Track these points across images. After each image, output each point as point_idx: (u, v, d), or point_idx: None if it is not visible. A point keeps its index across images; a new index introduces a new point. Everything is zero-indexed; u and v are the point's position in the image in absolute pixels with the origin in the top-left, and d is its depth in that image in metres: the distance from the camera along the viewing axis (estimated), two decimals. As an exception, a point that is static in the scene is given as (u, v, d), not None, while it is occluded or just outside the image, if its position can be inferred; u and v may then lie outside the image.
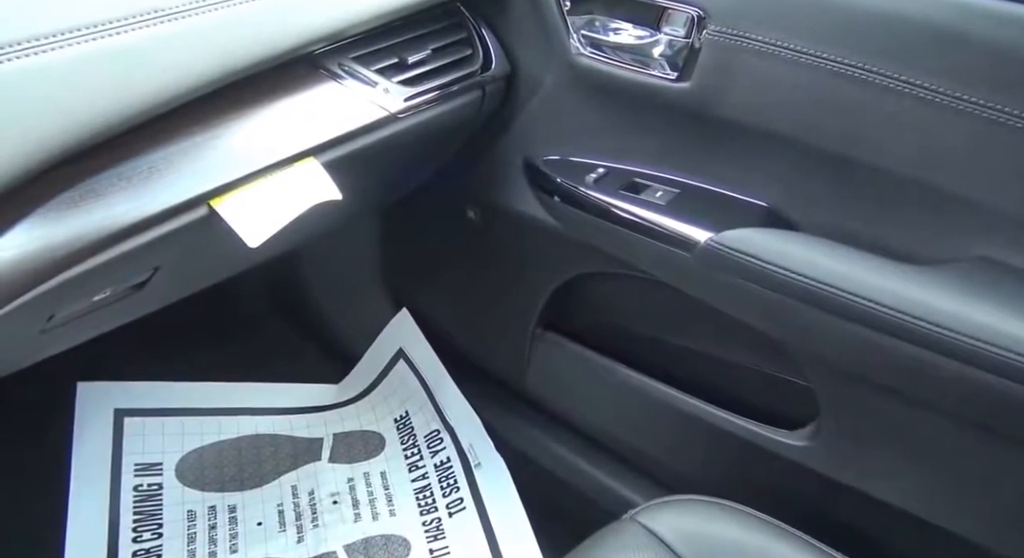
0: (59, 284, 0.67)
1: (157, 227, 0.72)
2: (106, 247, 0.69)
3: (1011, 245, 0.78)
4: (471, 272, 1.29)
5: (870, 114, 0.81)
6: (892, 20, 0.78)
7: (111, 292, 0.80)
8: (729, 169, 0.94)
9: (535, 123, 1.06)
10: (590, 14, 0.97)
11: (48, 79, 0.62)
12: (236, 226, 0.76)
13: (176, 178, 0.73)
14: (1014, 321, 0.73)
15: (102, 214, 0.68)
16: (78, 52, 0.64)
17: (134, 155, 0.70)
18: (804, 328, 0.86)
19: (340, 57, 0.87)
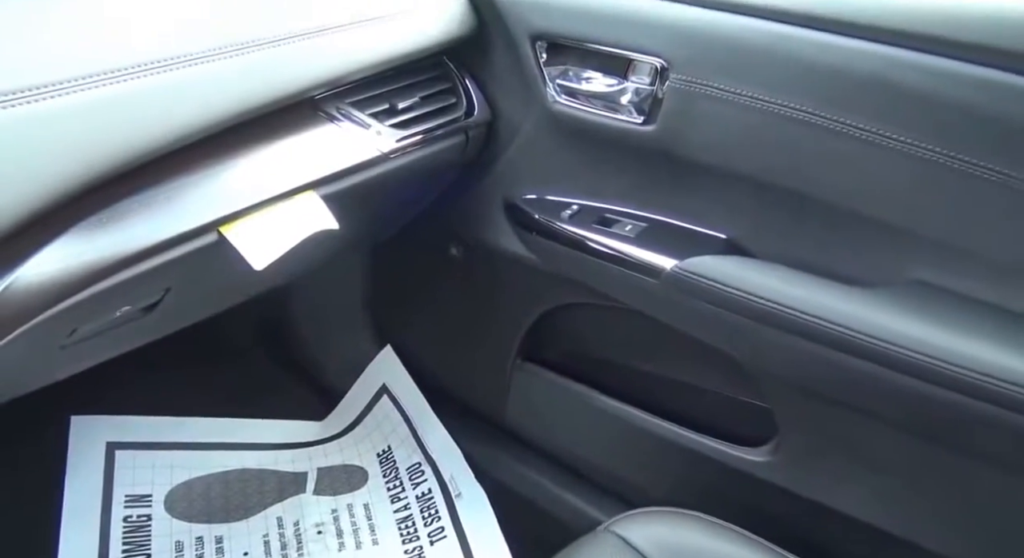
0: (84, 299, 0.73)
1: (172, 250, 0.79)
2: (126, 266, 0.75)
3: (942, 269, 0.86)
4: (454, 307, 1.36)
5: (816, 153, 0.90)
6: (833, 71, 0.87)
7: (126, 311, 0.86)
8: (692, 204, 1.02)
9: (515, 165, 1.15)
10: (564, 65, 1.06)
11: (80, 117, 0.70)
12: (243, 250, 0.83)
13: (190, 206, 0.80)
14: (947, 336, 0.82)
15: (124, 236, 0.75)
16: (106, 93, 0.71)
17: (153, 184, 0.77)
18: (761, 347, 0.93)
19: (338, 102, 0.96)
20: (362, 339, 1.50)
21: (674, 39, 0.96)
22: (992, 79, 0.78)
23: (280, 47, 0.87)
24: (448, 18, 1.07)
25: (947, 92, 0.81)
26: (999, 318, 0.83)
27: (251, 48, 0.84)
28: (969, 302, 0.85)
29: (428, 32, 1.04)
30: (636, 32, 0.98)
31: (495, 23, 1.08)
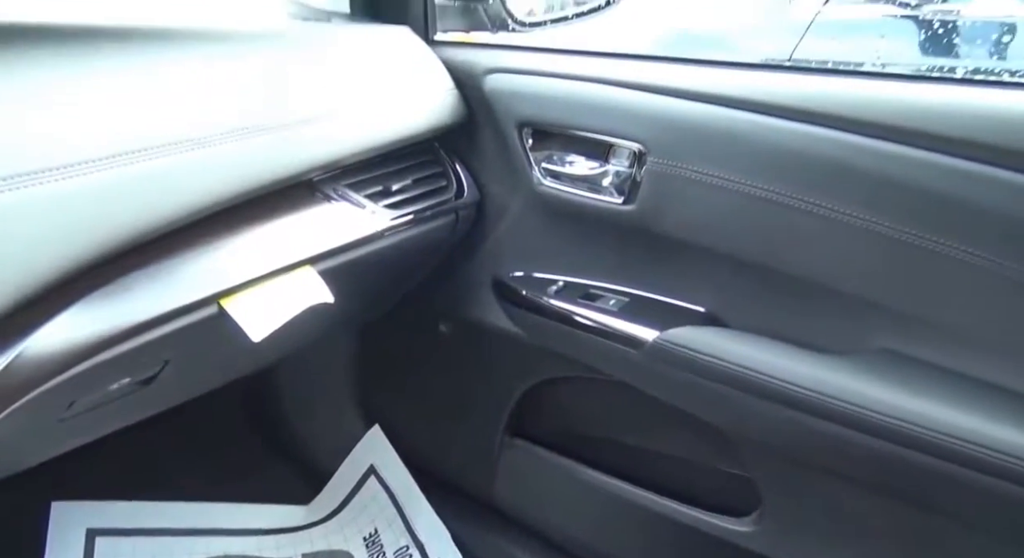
0: (86, 370, 0.76)
1: (173, 322, 0.82)
2: (128, 338, 0.78)
3: (906, 338, 0.90)
4: (442, 384, 1.38)
5: (785, 231, 0.95)
6: (797, 155, 0.93)
7: (125, 384, 0.87)
8: (671, 279, 1.07)
9: (502, 243, 1.20)
10: (549, 150, 1.12)
11: (86, 198, 0.73)
12: (242, 322, 0.86)
13: (192, 279, 0.83)
14: (914, 400, 0.85)
15: (128, 308, 0.78)
16: (111, 176, 0.75)
17: (159, 258, 0.81)
18: (741, 414, 0.96)
19: (335, 183, 1.01)
20: (350, 419, 1.51)
21: (651, 126, 1.02)
22: (941, 163, 0.84)
23: (281, 132, 0.92)
24: (439, 107, 1.13)
25: (901, 175, 0.87)
26: (961, 384, 0.87)
27: (254, 132, 0.89)
28: (933, 368, 0.89)
29: (420, 120, 1.11)
30: (616, 119, 1.05)
31: (484, 111, 1.15)
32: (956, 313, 0.87)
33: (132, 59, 0.84)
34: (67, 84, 0.77)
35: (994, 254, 0.83)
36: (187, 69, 0.88)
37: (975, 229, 0.84)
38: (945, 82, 0.93)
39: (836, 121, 0.90)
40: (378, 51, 1.14)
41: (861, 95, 0.91)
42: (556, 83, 1.10)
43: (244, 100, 0.91)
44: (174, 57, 0.88)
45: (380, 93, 1.08)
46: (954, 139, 0.83)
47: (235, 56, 0.95)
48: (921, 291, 0.88)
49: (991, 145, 0.82)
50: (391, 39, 1.17)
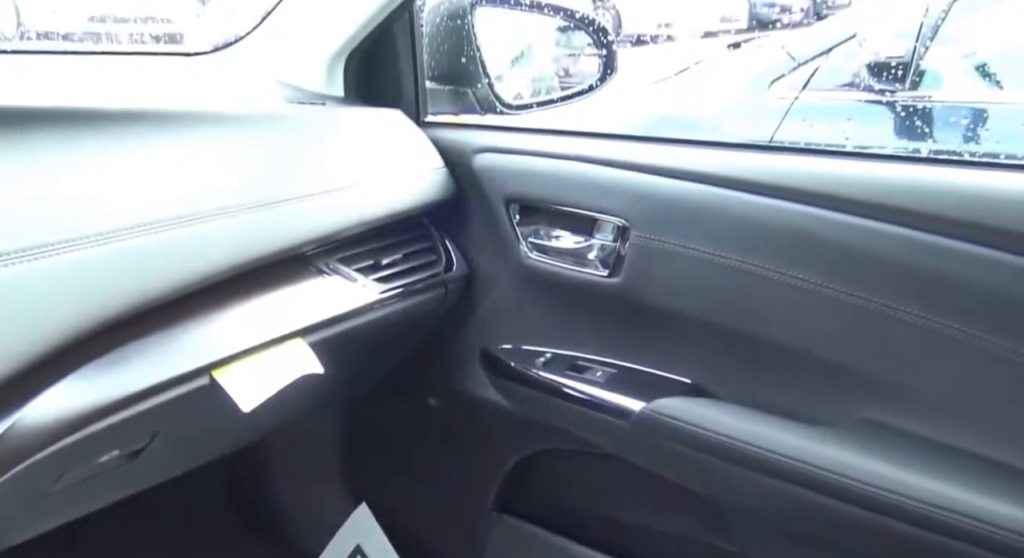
0: (78, 440, 0.76)
1: (166, 392, 0.83)
2: (121, 409, 0.79)
3: (886, 408, 0.92)
4: (430, 459, 1.38)
5: (766, 302, 0.98)
6: (775, 229, 0.97)
7: (113, 456, 0.88)
8: (657, 351, 1.09)
9: (491, 316, 1.22)
10: (536, 225, 1.16)
11: (84, 273, 0.75)
12: (232, 393, 0.87)
13: (185, 350, 0.85)
14: (897, 470, 0.87)
15: (122, 379, 0.79)
16: (114, 249, 0.78)
17: (153, 330, 0.83)
18: (728, 485, 0.97)
19: (327, 257, 1.04)
20: (336, 497, 1.50)
21: (633, 201, 1.06)
22: (911, 237, 0.88)
23: (275, 208, 0.95)
24: (429, 184, 1.17)
25: (874, 249, 0.90)
26: (942, 454, 0.88)
27: (249, 209, 0.92)
28: (914, 438, 0.90)
29: (411, 196, 1.15)
30: (599, 196, 1.09)
31: (472, 188, 1.19)
32: (932, 383, 0.89)
33: (129, 139, 0.87)
34: (65, 163, 0.80)
35: (964, 324, 0.86)
36: (184, 149, 0.91)
37: (946, 300, 0.87)
38: (913, 161, 0.98)
39: (812, 197, 0.94)
40: (371, 132, 1.18)
41: (835, 173, 0.95)
42: (542, 162, 1.14)
43: (240, 178, 0.94)
44: (171, 138, 0.91)
45: (372, 171, 1.12)
46: (923, 214, 0.87)
47: (231, 136, 0.98)
48: (897, 361, 0.91)
49: (957, 220, 0.86)
50: (383, 121, 1.21)
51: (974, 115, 1.66)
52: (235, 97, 1.14)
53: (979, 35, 1.76)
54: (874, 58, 1.65)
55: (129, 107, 0.93)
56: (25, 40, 3.36)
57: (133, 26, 3.70)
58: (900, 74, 1.62)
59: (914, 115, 1.63)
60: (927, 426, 0.89)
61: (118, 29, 3.66)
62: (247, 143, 1.00)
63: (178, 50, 1.41)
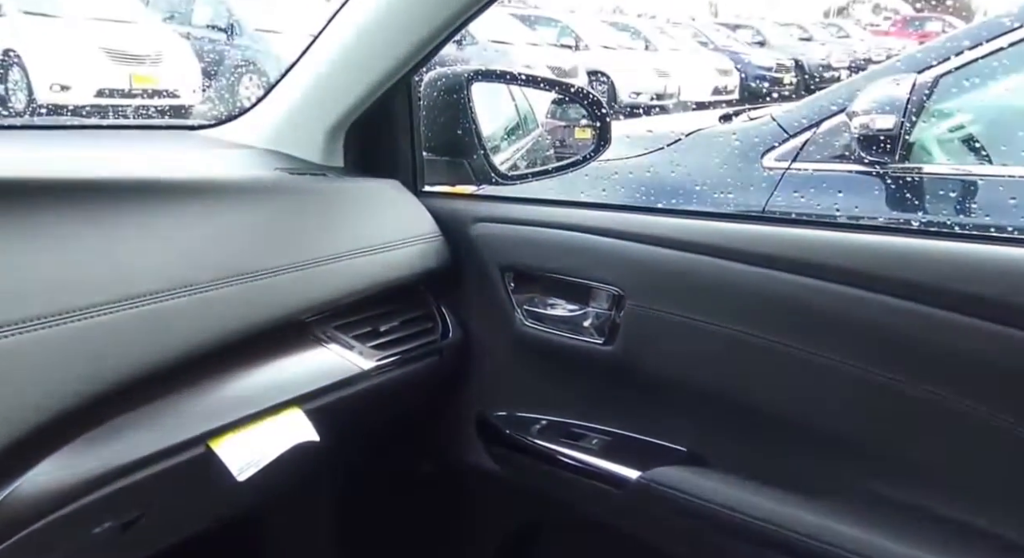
0: (72, 511, 0.76)
1: (161, 462, 0.82)
2: (117, 479, 0.79)
3: (884, 479, 0.92)
4: (425, 527, 1.36)
5: (761, 371, 0.99)
6: (770, 299, 0.98)
7: (107, 527, 0.87)
8: (652, 419, 1.09)
9: (486, 383, 1.22)
10: (531, 293, 1.18)
11: (80, 343, 0.76)
12: (228, 462, 0.87)
13: (180, 420, 0.85)
14: (896, 543, 0.86)
15: (117, 450, 0.79)
16: (109, 320, 0.79)
17: (149, 400, 0.83)
18: (721, 555, 0.96)
19: (325, 325, 1.05)
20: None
21: (627, 271, 1.08)
22: (907, 309, 0.89)
23: (274, 277, 0.97)
24: (426, 253, 1.19)
25: (870, 319, 0.91)
26: (941, 527, 0.87)
27: (247, 278, 0.93)
28: (913, 510, 0.90)
29: (408, 265, 1.16)
30: (594, 265, 1.11)
31: (468, 257, 1.21)
32: (931, 455, 0.89)
33: (128, 210, 0.89)
34: (65, 234, 0.81)
35: (964, 396, 0.86)
36: (184, 219, 0.93)
37: (944, 372, 0.87)
38: (907, 233, 0.99)
39: (805, 267, 0.95)
40: (369, 202, 1.21)
41: (828, 243, 0.97)
42: (537, 231, 1.16)
43: (240, 247, 0.96)
44: (172, 208, 0.93)
45: (371, 240, 1.13)
46: (918, 285, 0.89)
47: (232, 207, 1.00)
48: (896, 432, 0.91)
49: (951, 291, 0.87)
50: (381, 191, 1.24)
51: (963, 187, 1.70)
52: (238, 169, 1.17)
53: (964, 110, 1.82)
54: (863, 131, 1.70)
55: (131, 178, 0.95)
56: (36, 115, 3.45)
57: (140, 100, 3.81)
58: (889, 147, 1.67)
59: (904, 186, 1.67)
60: (926, 498, 0.89)
61: (126, 103, 3.77)
62: (248, 213, 1.02)
63: (183, 123, 1.45)
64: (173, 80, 4.55)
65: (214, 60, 5.73)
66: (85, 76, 4.40)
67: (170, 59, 5.16)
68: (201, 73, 4.96)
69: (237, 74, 5.13)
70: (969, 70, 1.70)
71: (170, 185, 0.97)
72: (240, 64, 5.81)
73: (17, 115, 3.84)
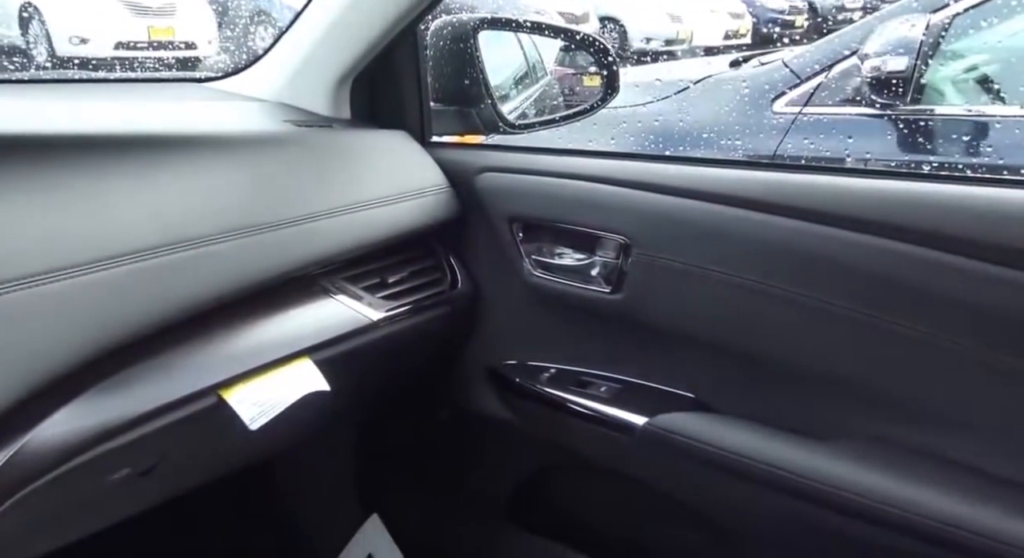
0: (88, 460, 0.78)
1: (174, 412, 0.84)
2: (131, 428, 0.81)
3: (891, 423, 0.93)
4: (440, 472, 1.39)
5: (767, 318, 0.99)
6: (775, 247, 0.98)
7: (125, 474, 0.89)
8: (660, 366, 1.10)
9: (496, 333, 1.23)
10: (539, 242, 1.18)
11: (90, 296, 0.78)
12: (240, 411, 0.89)
13: (192, 371, 0.87)
14: (901, 485, 0.87)
15: (130, 400, 0.81)
16: (119, 273, 0.80)
17: (160, 351, 0.85)
18: (729, 500, 0.98)
19: (334, 277, 1.06)
20: (348, 508, 1.51)
21: (635, 219, 1.08)
22: (913, 254, 0.88)
23: (281, 229, 0.97)
24: (434, 204, 1.19)
25: (877, 266, 0.91)
26: (947, 469, 0.88)
27: (254, 231, 0.94)
28: (919, 454, 0.91)
29: (416, 216, 1.17)
30: (601, 214, 1.10)
31: (476, 207, 1.21)
32: (933, 397, 0.90)
33: (136, 163, 0.89)
34: (68, 189, 0.82)
35: (965, 339, 0.86)
36: (191, 172, 0.93)
37: (947, 315, 0.87)
38: (916, 178, 0.98)
39: (813, 214, 0.95)
40: (376, 153, 1.21)
41: (836, 189, 0.96)
42: (544, 181, 1.16)
43: (246, 200, 0.96)
44: (178, 161, 0.93)
45: (377, 192, 1.14)
46: (925, 231, 0.88)
47: (238, 160, 1.00)
48: (898, 376, 0.91)
49: (958, 236, 0.87)
50: (388, 142, 1.24)
51: (975, 129, 1.67)
52: (244, 121, 1.17)
53: (979, 50, 1.78)
54: (875, 74, 1.67)
55: (132, 132, 0.96)
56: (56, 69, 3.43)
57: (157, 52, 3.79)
58: (901, 89, 1.64)
59: (915, 130, 1.65)
60: (928, 440, 0.90)
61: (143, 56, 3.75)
62: (255, 166, 1.02)
63: (190, 76, 1.44)
64: (189, 32, 4.52)
65: (229, 11, 5.69)
66: (103, 29, 4.38)
67: (186, 11, 5.13)
68: (216, 25, 4.93)
69: (251, 25, 5.08)
70: (984, 9, 1.66)
71: (173, 138, 0.97)
72: (254, 14, 5.76)
73: (39, 68, 3.84)
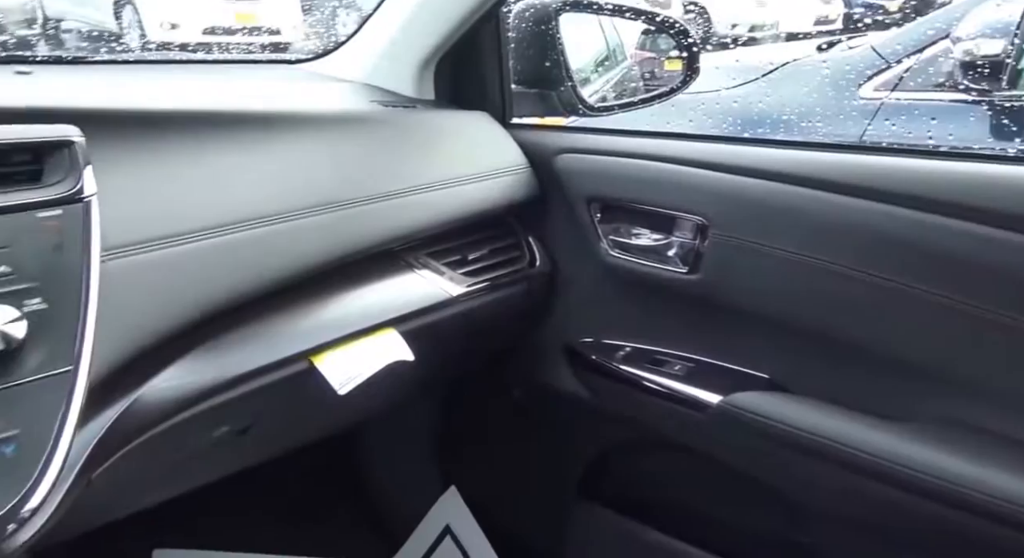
0: (192, 416, 0.84)
1: (268, 375, 0.90)
2: (229, 388, 0.86)
3: (966, 405, 0.92)
4: (516, 448, 1.43)
5: (845, 300, 0.98)
6: (854, 229, 0.97)
7: (224, 432, 0.96)
8: (735, 347, 1.11)
9: (572, 312, 1.26)
10: (616, 223, 1.19)
11: (201, 262, 0.83)
12: (329, 377, 0.94)
13: (286, 337, 0.92)
14: (977, 467, 0.86)
15: (230, 361, 0.86)
16: (223, 242, 0.85)
17: (256, 318, 0.90)
18: (802, 479, 0.98)
19: (416, 252, 1.10)
20: (427, 480, 1.56)
21: (713, 201, 1.08)
22: (996, 237, 0.87)
23: (368, 205, 1.02)
24: (514, 184, 1.22)
25: (957, 249, 0.90)
26: (1020, 450, 0.87)
27: (343, 206, 0.99)
28: (993, 436, 0.89)
29: (496, 195, 1.20)
30: (679, 195, 1.11)
31: (555, 188, 1.23)
32: (1012, 381, 0.88)
33: (235, 140, 0.95)
34: (177, 162, 0.88)
35: None
36: (283, 149, 0.98)
37: None
38: (1004, 161, 0.96)
39: (897, 198, 0.94)
40: (459, 133, 1.24)
41: (921, 173, 0.95)
42: (623, 162, 1.17)
43: (335, 177, 1.01)
44: (273, 138, 0.98)
45: (459, 171, 1.17)
46: (1012, 215, 0.87)
47: (328, 138, 1.05)
48: (977, 359, 0.90)
49: None
50: (470, 123, 1.27)
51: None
52: (335, 101, 1.22)
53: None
54: (967, 58, 1.62)
55: (238, 110, 1.01)
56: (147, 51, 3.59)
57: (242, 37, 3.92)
58: (995, 73, 1.58)
59: (1009, 115, 1.59)
60: (1006, 423, 0.89)
61: (229, 40, 3.89)
62: (343, 144, 1.06)
63: (283, 58, 1.50)
64: (273, 16, 4.66)
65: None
66: (192, 14, 4.56)
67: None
68: (299, 9, 5.07)
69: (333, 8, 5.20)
70: (1090, -12, 1.59)
71: (271, 116, 1.02)
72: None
73: (131, 52, 4.02)
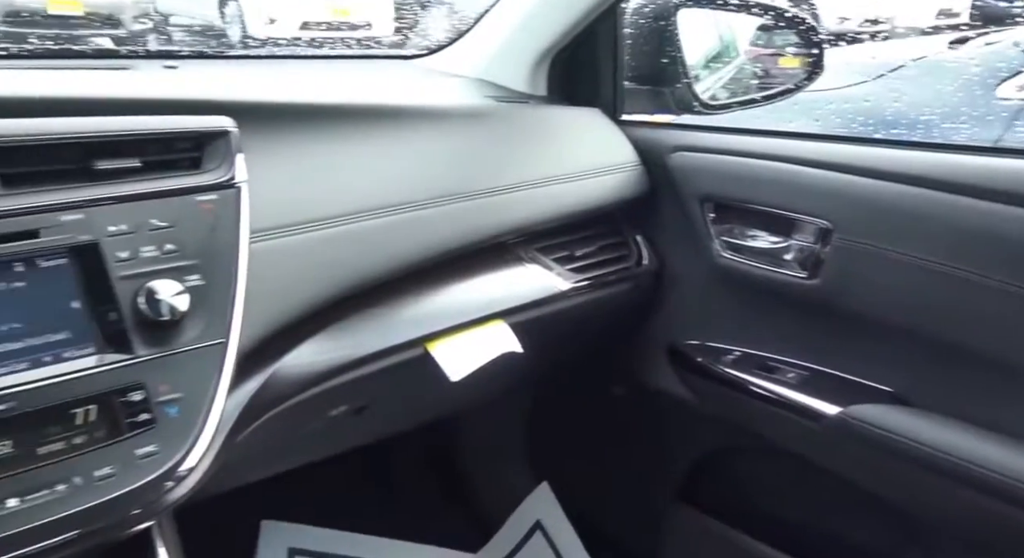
0: (318, 392, 0.87)
1: (387, 358, 0.92)
2: (352, 368, 0.89)
3: None
4: (612, 446, 1.42)
5: (975, 309, 0.93)
6: (988, 234, 0.92)
7: (343, 410, 0.99)
8: (854, 356, 1.06)
9: (679, 312, 1.24)
10: (730, 224, 1.16)
11: (333, 246, 0.86)
12: (443, 364, 0.96)
13: (403, 324, 0.94)
14: None
15: (353, 343, 0.89)
16: (353, 229, 0.89)
17: (380, 302, 0.93)
18: (924, 496, 0.94)
19: (526, 247, 1.11)
20: (520, 474, 1.58)
21: (838, 204, 1.04)
22: None
23: (482, 198, 1.03)
24: (625, 181, 1.21)
25: None
26: None
27: (457, 198, 1.00)
28: None
29: (606, 192, 1.19)
30: (801, 197, 1.08)
31: (666, 186, 1.22)
32: None
33: (362, 132, 0.98)
34: (311, 153, 0.91)
35: None
36: (404, 141, 1.01)
37: None
38: None
39: None
40: (570, 129, 1.24)
41: None
42: (739, 161, 1.15)
43: (451, 170, 1.03)
44: (394, 131, 1.01)
45: (571, 167, 1.17)
46: None
47: (445, 132, 1.07)
48: None
49: None
50: (582, 119, 1.27)
51: None
52: (450, 96, 1.24)
53: None
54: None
55: (362, 103, 1.04)
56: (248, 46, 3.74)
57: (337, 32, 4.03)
58: None
59: None
60: None
61: (325, 35, 4.01)
62: (460, 138, 1.08)
63: (399, 53, 1.53)
64: (366, 13, 4.77)
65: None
66: (290, 9, 4.72)
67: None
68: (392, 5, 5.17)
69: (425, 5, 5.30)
70: None
71: (400, 110, 1.04)
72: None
73: (230, 47, 4.20)
